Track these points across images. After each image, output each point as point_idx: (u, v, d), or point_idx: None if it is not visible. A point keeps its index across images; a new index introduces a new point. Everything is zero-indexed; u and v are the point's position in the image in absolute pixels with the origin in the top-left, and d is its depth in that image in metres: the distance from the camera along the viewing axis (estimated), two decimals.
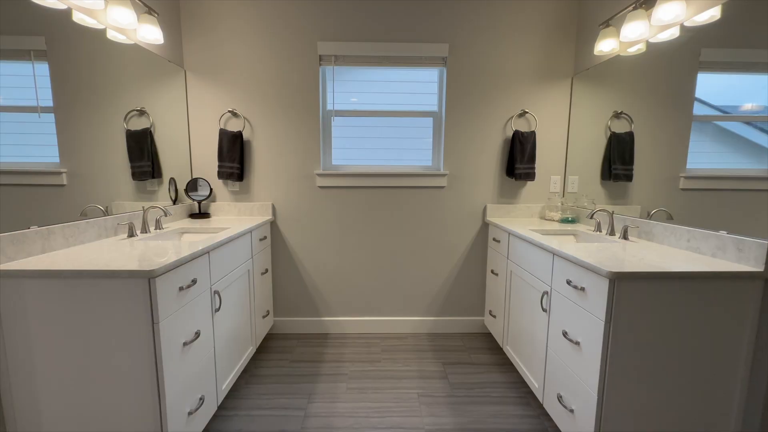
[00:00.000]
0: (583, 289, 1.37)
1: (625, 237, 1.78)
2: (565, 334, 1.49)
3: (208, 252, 1.56)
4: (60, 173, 1.53)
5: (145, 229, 1.82)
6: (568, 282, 1.45)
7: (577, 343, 1.40)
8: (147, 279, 1.18)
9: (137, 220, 1.89)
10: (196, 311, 1.46)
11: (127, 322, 1.19)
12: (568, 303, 1.48)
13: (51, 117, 1.49)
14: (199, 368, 1.49)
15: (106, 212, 1.76)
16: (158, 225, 1.93)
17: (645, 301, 1.23)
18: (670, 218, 1.73)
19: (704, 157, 1.63)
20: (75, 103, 1.59)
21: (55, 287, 1.18)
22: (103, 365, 1.21)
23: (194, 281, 1.41)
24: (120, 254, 1.36)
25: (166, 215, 1.81)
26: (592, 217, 1.87)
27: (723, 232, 1.40)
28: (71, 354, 1.21)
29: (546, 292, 1.66)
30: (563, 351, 1.52)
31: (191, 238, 2.04)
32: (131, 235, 1.73)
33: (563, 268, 1.52)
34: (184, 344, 1.36)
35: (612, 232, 1.88)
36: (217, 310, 1.63)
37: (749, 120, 1.42)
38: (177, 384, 1.32)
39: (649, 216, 1.82)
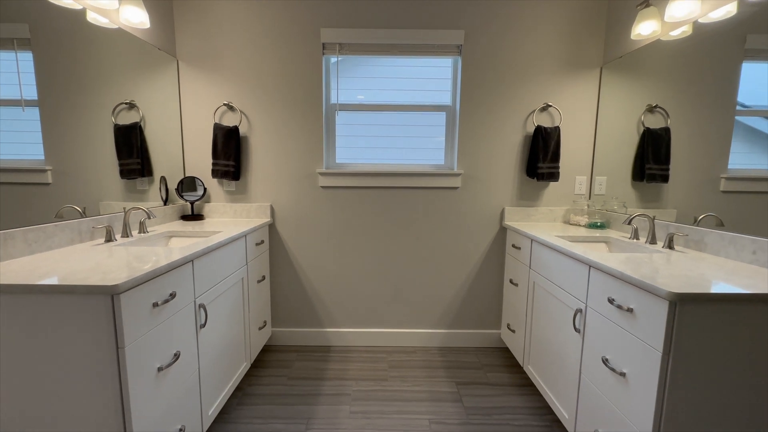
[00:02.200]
0: (631, 310, 1.15)
1: (670, 246, 1.55)
2: (605, 361, 1.26)
3: (192, 260, 1.37)
4: (45, 171, 1.41)
5: (126, 233, 1.64)
6: (611, 300, 1.23)
7: (623, 374, 1.18)
8: (110, 296, 0.99)
9: (118, 222, 1.70)
10: (175, 329, 1.26)
11: (86, 347, 1.00)
12: (610, 325, 1.25)
13: (35, 111, 1.37)
14: (180, 394, 1.29)
15: (84, 213, 1.58)
16: (142, 228, 1.74)
17: (714, 330, 1.01)
18: (720, 225, 1.50)
19: (742, 158, 1.46)
20: (61, 95, 1.47)
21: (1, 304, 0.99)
22: (59, 399, 1.02)
23: (173, 295, 1.22)
24: (88, 263, 1.17)
25: (149, 217, 1.63)
26: (629, 223, 1.64)
27: None
28: (20, 386, 1.01)
29: (580, 310, 1.43)
30: (603, 381, 1.29)
31: (179, 243, 1.85)
32: (109, 239, 1.54)
33: (603, 284, 1.29)
34: (159, 369, 1.16)
35: (653, 240, 1.65)
36: (203, 326, 1.44)
37: None
38: (150, 415, 1.12)
39: (696, 222, 1.59)
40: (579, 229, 2.08)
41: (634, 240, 1.74)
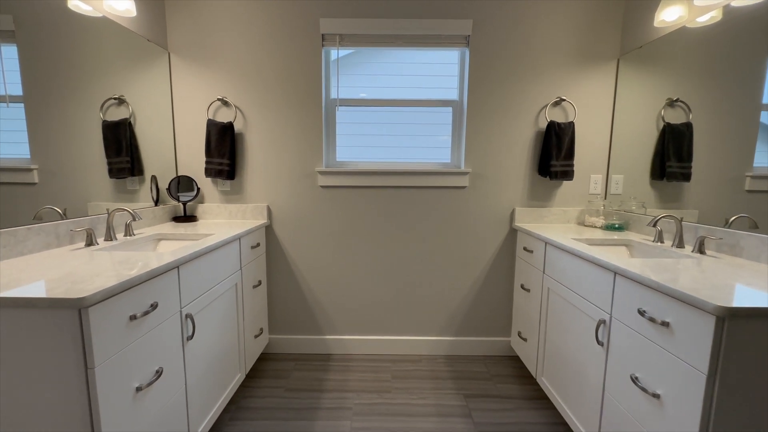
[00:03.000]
0: (666, 324, 1.02)
1: (701, 251, 1.42)
2: (635, 379, 1.13)
3: (178, 266, 1.25)
4: (31, 170, 1.34)
5: (110, 236, 1.52)
6: (641, 312, 1.10)
7: (656, 396, 1.05)
8: (76, 310, 0.86)
9: (101, 224, 1.59)
10: (157, 343, 1.14)
11: (51, 368, 0.88)
12: (640, 339, 1.12)
13: (21, 107, 1.30)
14: (163, 414, 1.17)
15: (64, 215, 1.46)
16: (128, 231, 1.62)
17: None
18: (754, 227, 1.37)
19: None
20: (47, 90, 1.39)
21: None
22: (23, 426, 0.90)
23: (154, 306, 1.10)
24: (59, 271, 1.05)
25: (135, 219, 1.51)
26: (654, 225, 1.51)
27: None
28: None
29: (603, 321, 1.30)
30: (631, 401, 1.16)
31: (168, 246, 1.73)
32: (90, 243, 1.43)
33: (631, 293, 1.16)
34: (138, 389, 1.04)
35: (680, 244, 1.51)
36: (190, 337, 1.32)
37: None
38: None
39: (727, 224, 1.46)
40: (595, 231, 1.95)
41: (659, 243, 1.61)
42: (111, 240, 1.52)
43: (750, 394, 0.89)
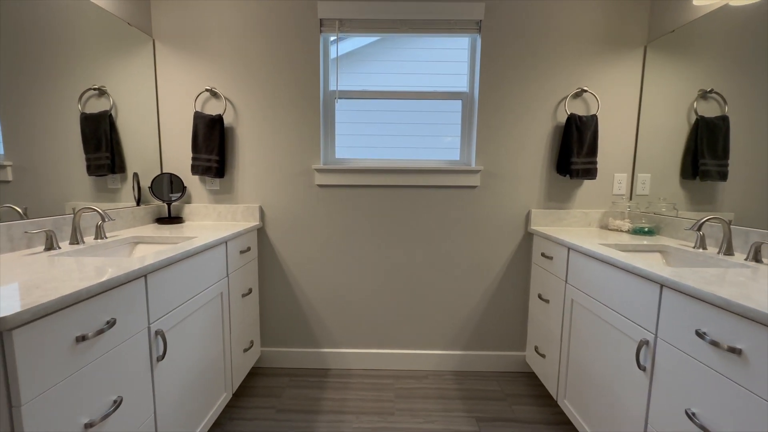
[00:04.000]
0: (737, 351, 0.82)
1: (756, 259, 1.22)
2: (692, 415, 0.93)
3: (145, 275, 1.06)
4: (4, 167, 1.23)
5: (75, 239, 1.34)
6: (700, 334, 0.90)
7: None
8: None
9: (67, 226, 1.41)
10: (116, 367, 0.95)
11: None
12: (699, 368, 0.92)
13: None
14: None
15: (24, 215, 1.29)
16: (99, 233, 1.44)
17: None
18: None
19: None
20: (21, 80, 1.26)
21: None
22: None
23: (111, 323, 0.91)
24: None
25: (104, 220, 1.33)
26: (699, 229, 1.31)
27: None
28: None
29: (646, 342, 1.10)
30: None
31: (147, 250, 1.55)
32: (50, 247, 1.24)
33: (684, 310, 0.97)
34: (89, 425, 0.86)
35: (729, 251, 1.32)
36: (161, 357, 1.13)
37: None
38: None
39: None
40: (621, 235, 1.75)
41: (701, 250, 1.41)
42: (77, 243, 1.34)
43: None
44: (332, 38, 1.97)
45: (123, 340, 0.98)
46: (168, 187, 1.94)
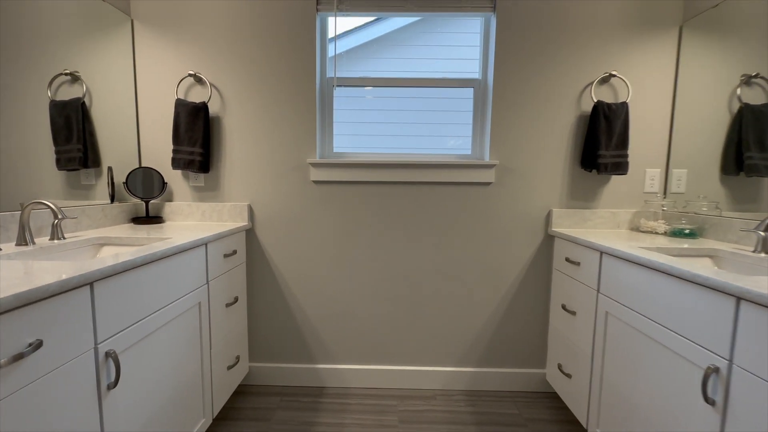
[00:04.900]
0: None
1: None
2: None
3: (90, 283, 0.85)
4: None
5: (23, 240, 1.14)
6: None
7: None
8: None
9: (14, 224, 1.20)
10: (44, 402, 0.74)
11: None
12: None
13: None
14: None
15: None
16: (56, 233, 1.24)
17: None
18: None
19: None
20: None
21: None
22: None
23: (36, 344, 0.70)
24: None
25: (58, 218, 1.13)
26: (765, 230, 1.10)
27: None
28: None
29: (715, 369, 0.88)
30: None
31: (112, 253, 1.34)
32: None
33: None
34: None
35: None
36: (113, 385, 0.92)
37: None
38: None
39: None
40: (656, 237, 1.53)
41: (763, 254, 1.19)
42: (25, 245, 1.14)
43: None
44: (330, 18, 1.78)
45: (56, 366, 0.77)
46: (146, 183, 1.74)
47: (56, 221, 1.23)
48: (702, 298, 0.93)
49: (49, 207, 1.14)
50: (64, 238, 1.27)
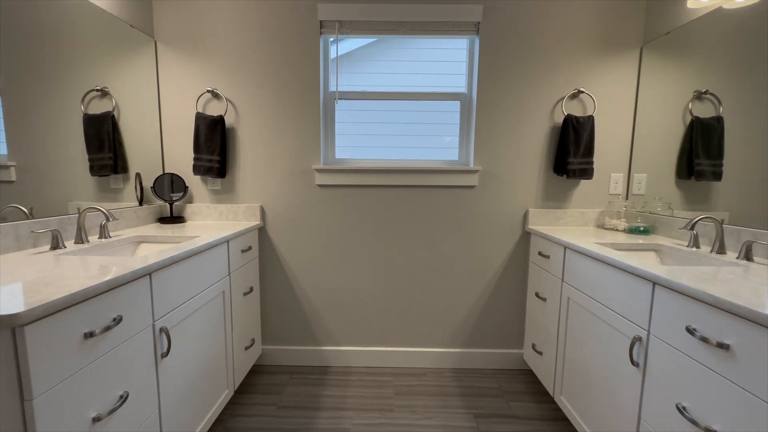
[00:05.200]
0: (724, 346, 0.85)
1: (747, 257, 1.25)
2: (682, 409, 0.96)
3: (149, 274, 1.09)
4: (8, 167, 1.25)
5: (81, 239, 1.36)
6: (690, 331, 0.93)
7: None
8: (10, 329, 0.71)
9: (72, 226, 1.43)
10: (122, 363, 0.98)
11: None
12: (689, 363, 0.95)
13: None
14: None
15: (30, 215, 1.31)
16: (103, 233, 1.47)
17: None
18: None
19: None
20: (24, 82, 1.29)
21: None
22: None
23: (118, 320, 0.94)
24: (3, 280, 0.90)
25: (109, 220, 1.36)
26: (692, 228, 1.34)
27: None
28: None
29: (639, 339, 1.13)
30: None
31: (150, 250, 1.57)
32: (56, 246, 1.27)
33: (676, 307, 1.00)
34: (96, 420, 0.88)
35: (720, 249, 1.34)
36: (165, 354, 1.16)
37: None
38: None
39: None
40: (617, 234, 1.77)
41: (694, 249, 1.44)
42: (82, 243, 1.37)
43: None
44: (332, 39, 1.99)
45: (129, 337, 1.00)
46: (170, 187, 1.96)
47: (104, 222, 1.46)
48: (630, 282, 1.18)
49: (100, 211, 1.37)
50: (110, 237, 1.49)
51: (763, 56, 1.34)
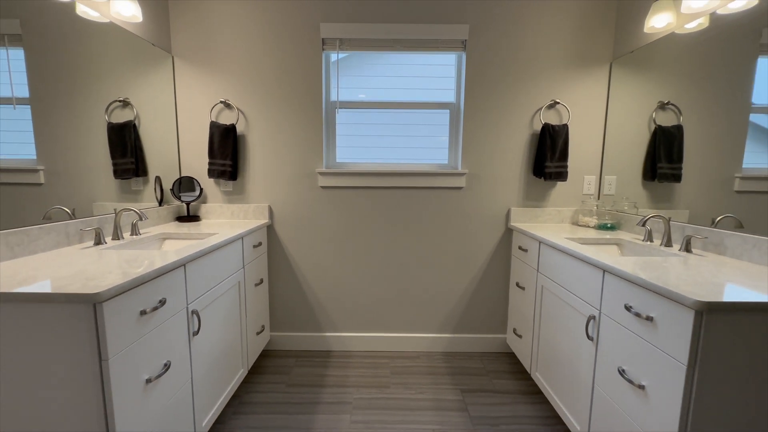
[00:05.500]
0: (650, 318, 1.07)
1: (687, 249, 1.47)
2: (622, 372, 1.18)
3: (184, 264, 1.30)
4: (37, 171, 1.37)
5: (117, 235, 1.57)
6: (628, 308, 1.15)
7: (641, 387, 1.10)
8: (91, 304, 0.91)
9: (109, 224, 1.64)
10: (165, 338, 1.19)
11: (67, 359, 0.93)
12: (627, 334, 1.18)
13: (27, 109, 1.33)
14: (171, 406, 1.22)
15: (73, 215, 1.51)
16: (134, 230, 1.67)
17: (745, 341, 0.93)
18: (739, 226, 1.43)
19: (756, 157, 1.40)
20: (53, 93, 1.42)
21: None
22: (40, 413, 0.95)
23: (162, 302, 1.15)
24: (72, 268, 1.10)
25: (141, 219, 1.56)
26: (643, 224, 1.57)
27: None
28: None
29: (593, 317, 1.36)
30: (619, 393, 1.21)
31: (173, 245, 1.78)
32: (98, 242, 1.48)
33: (619, 289, 1.22)
34: (148, 381, 1.09)
35: (668, 243, 1.57)
36: (196, 333, 1.37)
37: None
38: (137, 430, 1.05)
39: (713, 224, 1.51)
40: (588, 230, 2.00)
41: (648, 242, 1.66)
42: (118, 239, 1.57)
43: (728, 383, 0.94)
44: (333, 55, 2.19)
45: (170, 316, 1.22)
46: (187, 188, 2.16)
47: (136, 221, 1.66)
48: (588, 270, 1.40)
49: (133, 211, 1.57)
50: (140, 234, 1.70)
51: (711, 72, 1.54)
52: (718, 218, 1.51)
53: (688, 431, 0.97)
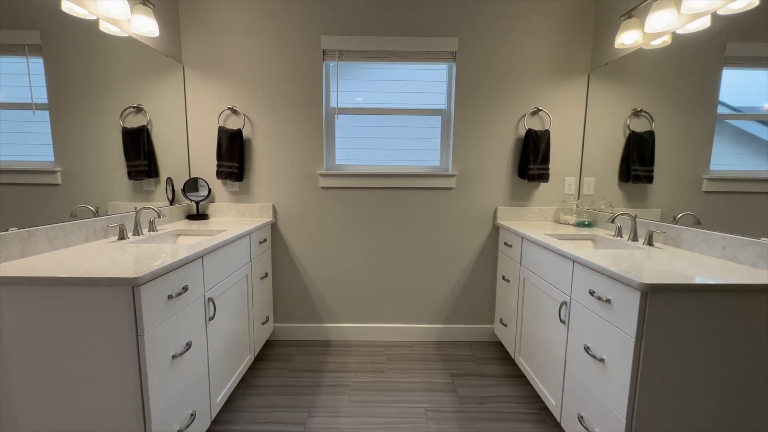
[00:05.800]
0: (608, 301, 1.25)
1: (650, 243, 1.65)
2: (587, 349, 1.36)
3: (202, 256, 1.46)
4: (54, 172, 1.46)
5: (137, 232, 1.73)
6: (591, 292, 1.33)
7: (602, 360, 1.28)
8: (131, 287, 1.08)
9: (129, 221, 1.79)
10: (187, 321, 1.35)
11: (109, 334, 1.09)
12: (591, 315, 1.35)
13: (45, 114, 1.43)
14: (191, 381, 1.38)
15: (97, 213, 1.66)
16: (152, 227, 1.83)
17: (681, 317, 1.11)
18: (697, 223, 1.60)
19: (723, 159, 1.54)
20: (70, 99, 1.53)
21: (30, 295, 1.07)
22: (83, 381, 1.11)
23: (185, 288, 1.31)
24: (106, 259, 1.26)
25: (159, 216, 1.72)
26: (612, 221, 1.75)
27: (765, 240, 1.27)
28: (49, 368, 1.11)
29: (564, 303, 1.53)
30: (585, 367, 1.39)
31: (187, 241, 1.94)
32: (122, 237, 1.63)
33: (585, 277, 1.40)
34: (174, 357, 1.26)
35: (635, 238, 1.75)
36: (212, 318, 1.53)
37: None
38: (165, 400, 1.21)
39: (674, 220, 1.69)
40: (568, 227, 2.18)
41: (618, 238, 1.84)
42: (138, 235, 1.73)
43: (668, 351, 1.12)
44: (332, 65, 2.36)
45: (191, 302, 1.38)
46: (196, 188, 2.32)
47: (153, 219, 1.82)
48: (561, 262, 1.57)
49: (152, 209, 1.73)
50: (157, 231, 1.86)
51: (679, 83, 1.69)
52: (679, 215, 1.68)
53: (636, 395, 1.14)
